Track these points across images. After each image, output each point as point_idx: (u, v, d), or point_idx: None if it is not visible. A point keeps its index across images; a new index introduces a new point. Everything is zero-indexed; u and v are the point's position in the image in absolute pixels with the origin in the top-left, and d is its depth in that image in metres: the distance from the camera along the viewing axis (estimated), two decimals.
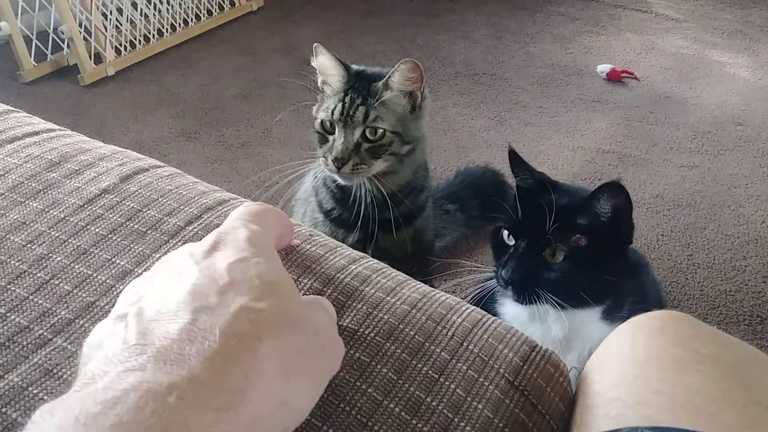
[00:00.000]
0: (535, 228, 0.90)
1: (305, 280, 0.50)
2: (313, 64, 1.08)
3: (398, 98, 1.04)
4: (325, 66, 1.06)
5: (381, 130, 1.03)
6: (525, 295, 0.91)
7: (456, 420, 0.42)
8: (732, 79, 2.31)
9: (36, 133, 0.67)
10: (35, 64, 2.22)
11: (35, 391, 0.42)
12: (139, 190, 0.59)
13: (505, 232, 0.95)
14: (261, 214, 0.43)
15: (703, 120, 2.08)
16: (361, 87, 1.04)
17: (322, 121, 1.06)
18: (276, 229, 0.45)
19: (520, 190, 0.95)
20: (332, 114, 1.04)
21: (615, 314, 0.94)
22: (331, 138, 1.05)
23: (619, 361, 0.45)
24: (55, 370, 0.43)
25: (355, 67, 1.08)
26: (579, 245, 0.89)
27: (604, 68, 2.29)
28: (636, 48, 2.52)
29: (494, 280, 0.97)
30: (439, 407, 0.43)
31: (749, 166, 1.85)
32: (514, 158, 0.97)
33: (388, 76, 1.03)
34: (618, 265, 0.94)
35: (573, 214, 0.89)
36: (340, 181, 1.08)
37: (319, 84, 1.11)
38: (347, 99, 1.03)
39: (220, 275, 0.35)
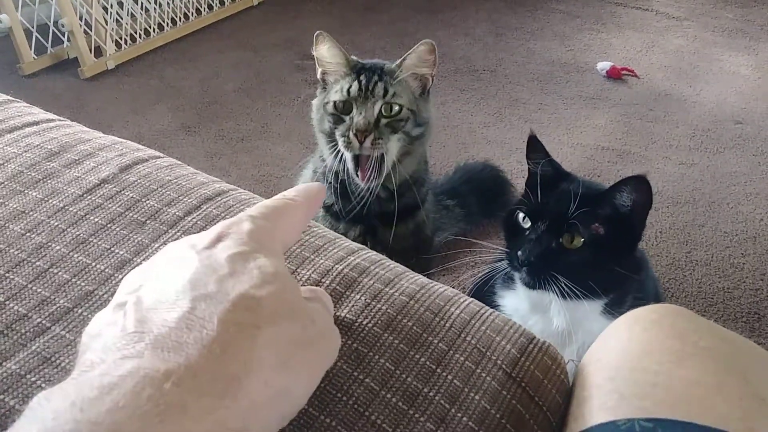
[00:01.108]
0: (557, 212, 0.90)
1: (304, 271, 0.50)
2: (314, 53, 1.08)
3: (411, 80, 1.07)
4: (329, 55, 1.07)
5: (398, 106, 1.05)
6: (538, 277, 0.91)
7: (453, 410, 0.42)
8: (732, 78, 2.31)
9: (36, 123, 0.67)
10: (35, 56, 2.22)
11: (33, 379, 0.42)
12: (139, 181, 0.59)
13: (521, 215, 0.95)
14: (280, 210, 0.42)
15: (703, 118, 2.07)
16: (373, 67, 1.07)
17: (335, 103, 1.06)
18: (300, 220, 0.45)
19: (539, 176, 0.95)
20: (348, 92, 1.05)
21: (616, 309, 0.94)
22: (347, 118, 1.05)
23: (616, 354, 0.46)
24: (53, 358, 0.43)
25: (353, 58, 1.09)
26: (598, 233, 0.89)
27: (604, 65, 2.29)
28: (636, 46, 2.52)
29: (504, 262, 0.96)
30: (436, 398, 0.43)
31: (748, 164, 1.85)
32: (534, 144, 0.97)
33: (403, 58, 1.05)
34: (629, 259, 0.94)
35: (595, 202, 0.89)
36: (350, 168, 1.08)
37: (318, 75, 1.11)
38: (362, 77, 1.05)
39: (220, 265, 0.35)
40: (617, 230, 0.90)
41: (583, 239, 0.89)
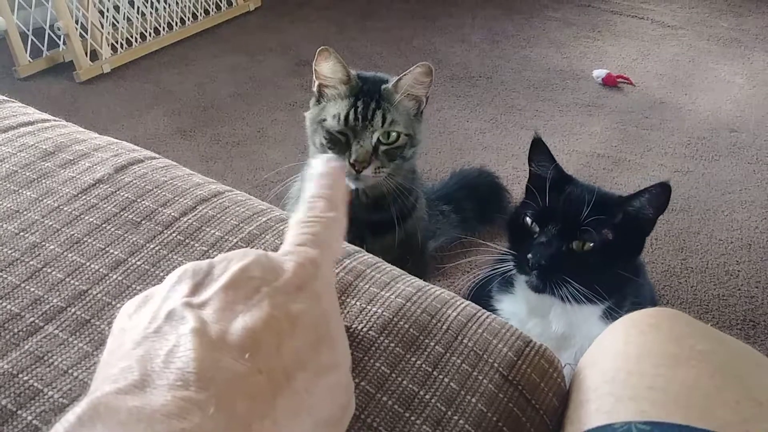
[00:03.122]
0: (569, 217, 0.90)
1: None
2: (315, 67, 1.05)
3: (407, 101, 1.05)
4: (331, 71, 1.04)
5: (395, 133, 1.03)
6: (548, 281, 0.91)
7: (449, 413, 0.42)
8: (726, 86, 2.32)
9: (31, 123, 0.66)
10: (31, 60, 2.21)
11: (25, 378, 0.41)
12: (134, 181, 0.58)
13: (528, 218, 0.94)
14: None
15: (698, 126, 2.08)
16: (370, 90, 1.03)
17: (329, 129, 1.03)
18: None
19: (542, 180, 0.94)
20: (345, 120, 1.02)
21: (615, 313, 0.94)
22: (343, 140, 1.03)
23: (612, 357, 0.45)
24: (45, 357, 0.43)
25: (352, 71, 1.06)
26: (606, 238, 0.89)
27: (599, 73, 2.30)
28: (632, 54, 2.53)
29: (509, 264, 0.96)
30: (433, 400, 0.43)
31: (743, 172, 1.86)
32: (539, 146, 0.97)
33: (399, 78, 1.03)
34: (633, 264, 0.94)
35: (607, 208, 0.90)
36: (351, 185, 1.05)
37: (314, 88, 1.08)
38: (360, 103, 1.02)
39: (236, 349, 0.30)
40: (625, 235, 0.91)
41: (593, 244, 0.89)
